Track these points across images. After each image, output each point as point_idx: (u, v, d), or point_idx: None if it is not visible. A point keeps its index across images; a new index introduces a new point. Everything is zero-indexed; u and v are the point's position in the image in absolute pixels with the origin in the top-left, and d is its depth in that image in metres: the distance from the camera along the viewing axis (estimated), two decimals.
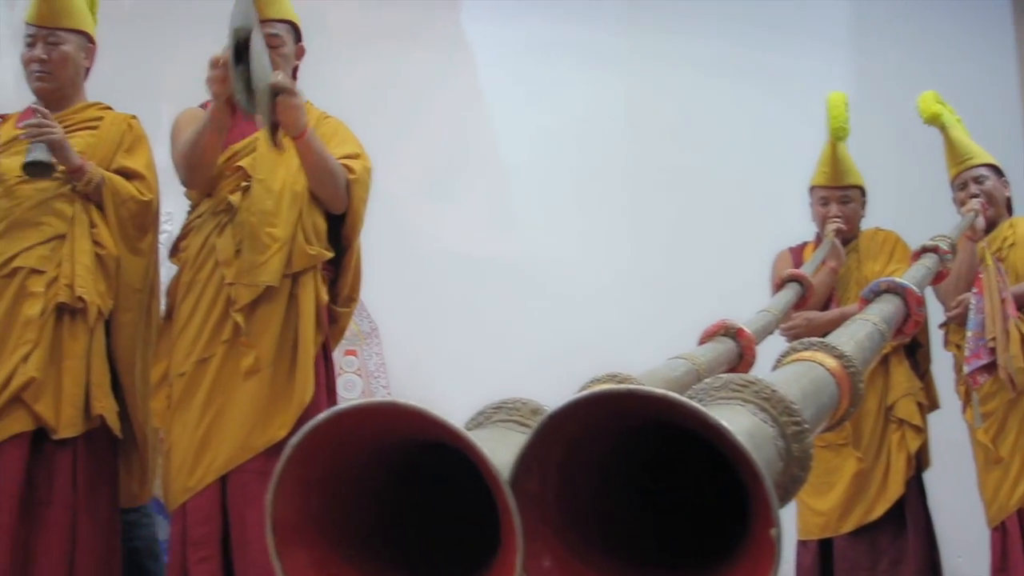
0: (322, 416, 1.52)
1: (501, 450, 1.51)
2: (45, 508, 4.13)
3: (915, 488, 5.39)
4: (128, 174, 4.49)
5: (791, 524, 5.40)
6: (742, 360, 2.41)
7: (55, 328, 4.24)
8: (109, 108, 4.69)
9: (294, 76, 4.53)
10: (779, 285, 3.37)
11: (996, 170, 5.56)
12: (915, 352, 5.54)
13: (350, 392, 6.53)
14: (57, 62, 4.53)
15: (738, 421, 1.41)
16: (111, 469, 4.40)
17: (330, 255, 4.29)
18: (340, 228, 4.36)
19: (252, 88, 3.92)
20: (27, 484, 4.11)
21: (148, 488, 4.60)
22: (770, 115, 8.22)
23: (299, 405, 4.06)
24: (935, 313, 5.42)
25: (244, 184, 4.24)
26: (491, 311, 7.37)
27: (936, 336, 5.58)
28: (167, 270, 4.56)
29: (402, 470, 1.68)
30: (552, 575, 1.49)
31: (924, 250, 2.96)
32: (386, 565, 1.65)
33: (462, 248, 7.76)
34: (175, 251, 4.44)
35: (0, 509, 4.05)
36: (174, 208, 4.68)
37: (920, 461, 5.42)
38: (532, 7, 8.34)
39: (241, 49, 3.90)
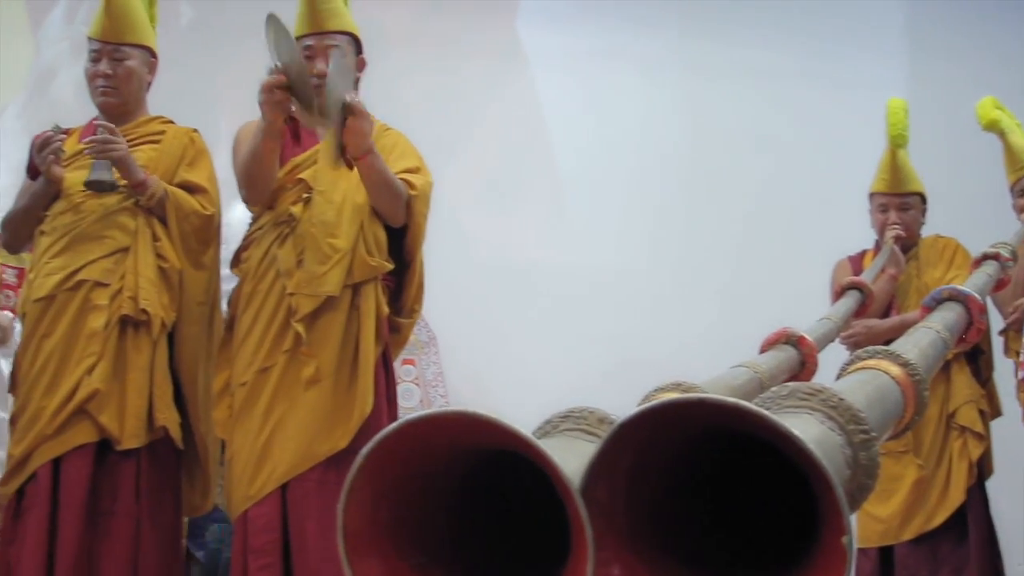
0: (393, 425, 1.54)
1: (570, 459, 1.52)
2: (109, 518, 4.18)
3: (977, 496, 5.33)
4: (191, 188, 4.52)
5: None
6: (804, 368, 2.40)
7: (119, 340, 4.29)
8: (171, 122, 4.73)
9: (355, 88, 4.55)
10: (839, 293, 3.37)
11: None
12: (977, 358, 5.49)
13: (408, 401, 6.55)
14: (122, 77, 4.57)
15: (807, 430, 1.41)
16: (174, 480, 4.44)
17: (390, 267, 4.29)
18: (401, 241, 4.37)
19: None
20: (92, 494, 4.16)
21: (210, 499, 4.64)
22: (828, 122, 8.19)
23: (360, 415, 4.07)
24: (997, 319, 5.39)
25: (305, 196, 4.26)
26: (548, 320, 7.38)
27: (998, 343, 5.54)
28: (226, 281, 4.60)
29: (470, 480, 1.69)
30: None
31: (985, 257, 2.95)
32: (453, 573, 1.66)
33: (519, 257, 7.78)
34: (236, 262, 4.46)
35: (66, 519, 4.11)
36: (231, 219, 4.70)
37: (982, 469, 5.36)
38: (588, 15, 8.35)
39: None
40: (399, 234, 4.36)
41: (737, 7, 8.40)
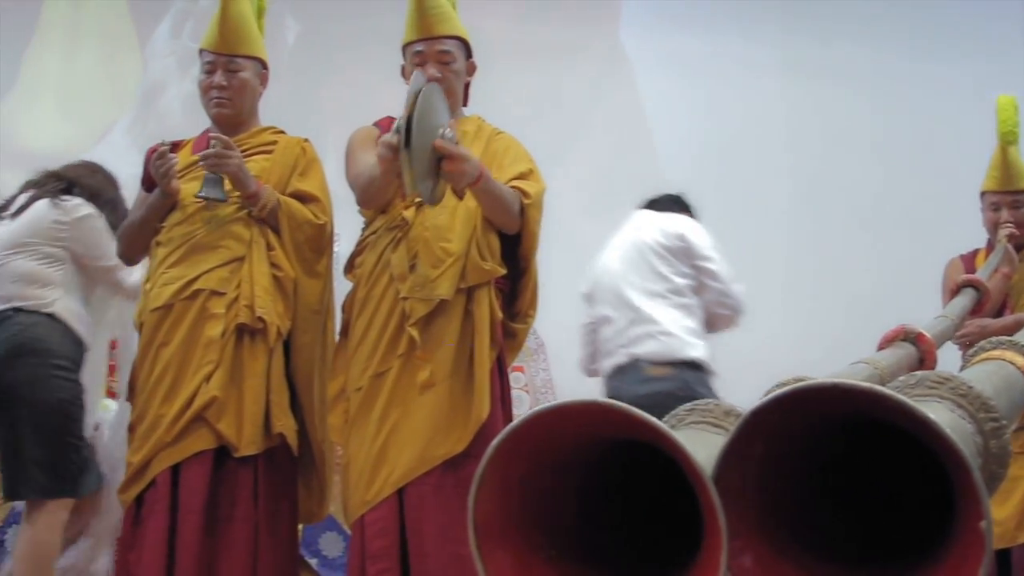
0: (524, 416, 1.55)
1: (699, 449, 1.53)
2: (228, 524, 4.22)
3: None
4: (303, 197, 4.56)
5: None
6: (923, 365, 2.38)
7: (236, 348, 4.33)
8: (283, 132, 4.78)
9: (466, 92, 4.57)
10: (954, 291, 3.33)
11: None
12: None
13: (517, 408, 6.51)
14: (236, 88, 4.62)
15: (940, 416, 1.40)
16: (291, 486, 4.47)
17: (503, 271, 4.29)
18: (516, 246, 4.38)
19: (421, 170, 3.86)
20: (210, 500, 4.20)
21: (326, 505, 4.67)
22: (936, 121, 8.12)
23: (477, 419, 4.07)
24: None
25: (418, 200, 4.28)
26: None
27: None
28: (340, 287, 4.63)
29: (595, 472, 1.70)
30: (754, 573, 1.50)
31: None
32: (584, 566, 1.67)
33: None
34: (350, 267, 4.49)
35: (185, 525, 4.15)
36: (340, 228, 4.74)
37: None
38: (690, 20, 8.35)
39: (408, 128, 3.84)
40: (513, 239, 4.36)
41: (840, 7, 8.35)
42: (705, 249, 5.57)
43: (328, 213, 4.60)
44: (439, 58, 4.36)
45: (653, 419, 1.42)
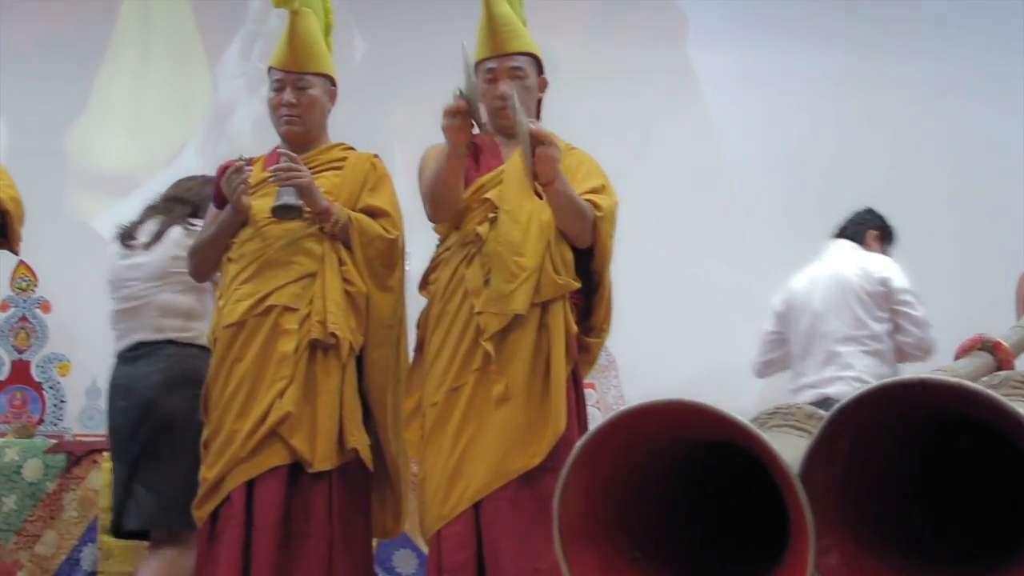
0: (609, 417, 1.54)
1: (785, 450, 1.52)
2: (303, 539, 4.20)
3: None
4: (374, 212, 4.56)
5: None
6: None
7: (309, 364, 4.33)
8: (352, 148, 4.77)
9: (538, 107, 4.58)
10: None
11: None
12: None
13: (589, 425, 6.54)
14: (306, 106, 4.63)
15: None
16: (365, 502, 4.47)
17: (577, 285, 4.29)
18: (588, 260, 4.37)
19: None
20: (285, 516, 4.20)
21: (401, 521, 4.65)
22: (1000, 135, 8.05)
23: (554, 433, 4.07)
24: None
25: (491, 215, 4.28)
26: (727, 340, 7.33)
27: None
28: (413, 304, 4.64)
29: (678, 473, 1.69)
30: (839, 570, 1.49)
31: None
32: (668, 568, 1.66)
33: (695, 278, 7.78)
34: (424, 284, 4.51)
35: (260, 540, 4.15)
36: (411, 246, 4.74)
37: None
38: (757, 36, 8.33)
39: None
40: (587, 253, 4.35)
41: (906, 21, 8.30)
42: (905, 294, 5.87)
43: (399, 227, 4.60)
44: (511, 74, 4.38)
45: (739, 417, 1.41)
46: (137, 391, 4.67)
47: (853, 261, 6.08)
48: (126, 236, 5.33)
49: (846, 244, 6.31)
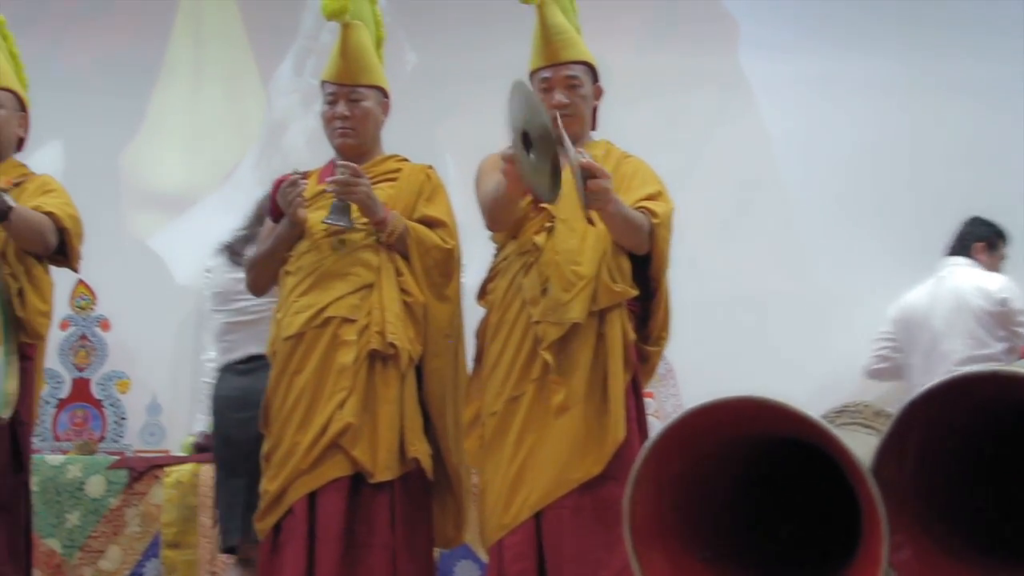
0: (680, 414, 1.54)
1: (855, 447, 1.50)
2: (366, 550, 4.21)
3: None
4: (430, 222, 4.57)
5: None
6: None
7: (368, 375, 4.33)
8: (406, 160, 4.78)
9: (594, 116, 4.57)
10: None
11: None
12: None
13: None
14: (359, 118, 4.64)
15: None
16: (427, 511, 4.47)
17: (635, 293, 4.27)
18: (645, 268, 4.35)
19: (543, 172, 3.90)
20: (348, 527, 4.21)
21: (462, 530, 4.65)
22: None
23: (614, 442, 4.05)
24: None
25: (548, 225, 4.28)
26: (785, 347, 7.32)
27: None
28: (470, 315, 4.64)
29: (745, 472, 1.68)
30: (913, 566, 1.47)
31: None
32: (739, 567, 1.65)
33: (752, 285, 7.76)
34: (482, 294, 4.51)
35: (323, 552, 4.16)
36: (467, 258, 4.75)
37: None
38: (809, 40, 8.30)
39: (528, 138, 3.89)
40: (644, 260, 4.34)
41: (962, 23, 8.24)
42: (1022, 314, 5.90)
43: (455, 237, 4.60)
44: (566, 83, 4.37)
45: (809, 413, 1.40)
46: (257, 403, 4.69)
47: (971, 280, 6.17)
48: (233, 250, 5.38)
49: (961, 261, 6.41)
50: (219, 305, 5.43)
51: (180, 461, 6.41)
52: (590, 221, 4.12)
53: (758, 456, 1.58)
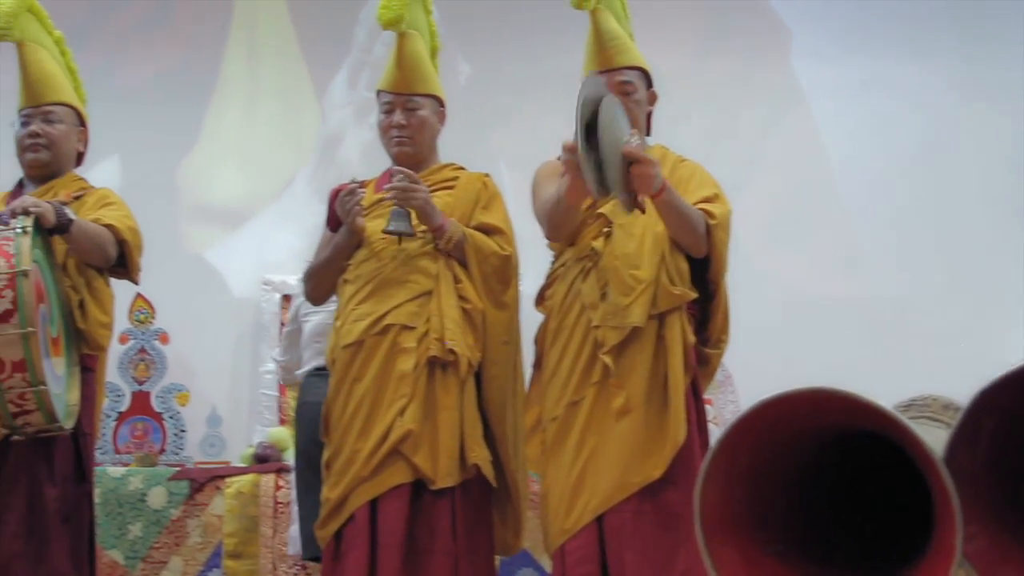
0: (750, 407, 1.54)
1: (926, 438, 1.50)
2: (428, 556, 4.22)
3: None
4: (487, 229, 4.58)
5: None
6: None
7: (428, 382, 4.35)
8: (462, 168, 4.81)
9: (648, 121, 4.57)
10: None
11: None
12: None
13: None
14: (416, 126, 4.66)
15: None
16: (487, 517, 4.48)
17: (694, 295, 4.27)
18: (703, 271, 4.35)
19: (603, 171, 3.89)
20: (409, 533, 4.22)
21: (521, 537, 4.65)
22: None
23: (674, 445, 4.05)
24: None
25: (606, 230, 4.29)
26: (842, 353, 7.28)
27: None
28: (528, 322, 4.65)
29: (814, 465, 1.68)
30: (987, 556, 1.46)
31: None
32: (810, 560, 1.65)
33: (809, 291, 7.75)
34: (541, 299, 4.52)
35: (385, 559, 4.18)
36: (523, 267, 4.75)
37: None
38: (861, 46, 8.28)
39: (591, 132, 3.88)
40: (702, 263, 4.34)
41: (1014, 25, 8.19)
42: None
43: (512, 244, 4.61)
44: (620, 88, 4.36)
45: (881, 404, 1.40)
46: None
47: None
48: None
49: None
50: (307, 310, 5.45)
51: (241, 472, 6.46)
52: (642, 209, 4.08)
53: (827, 449, 1.58)
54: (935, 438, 1.49)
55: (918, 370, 7.03)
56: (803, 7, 8.55)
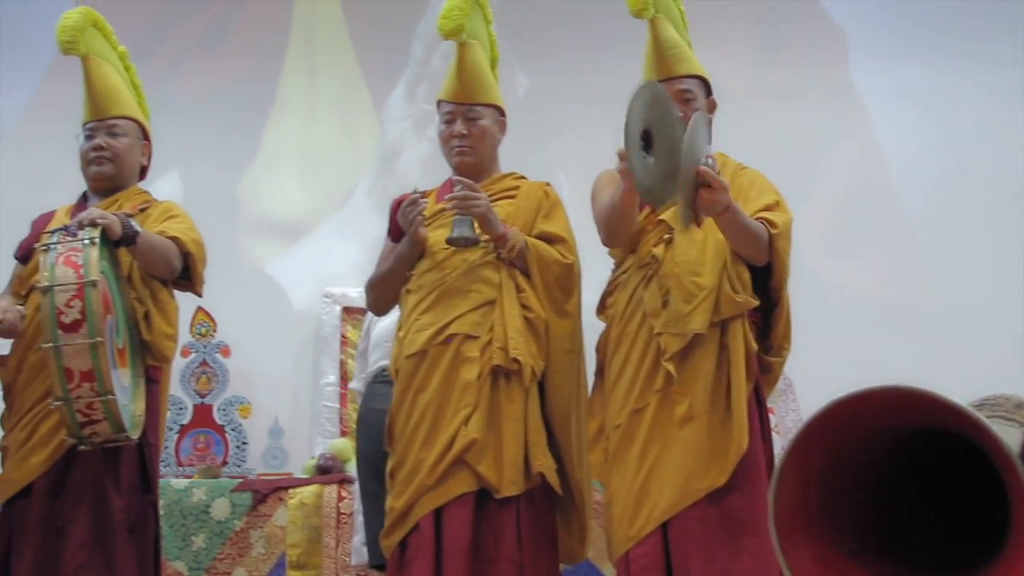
0: (823, 406, 1.54)
1: (1002, 436, 1.49)
2: (493, 565, 4.23)
3: None
4: (549, 238, 4.59)
5: None
6: None
7: (492, 391, 4.36)
8: (524, 177, 4.82)
9: (708, 129, 4.56)
10: None
11: None
12: None
13: None
14: (477, 136, 4.68)
15: None
16: (552, 526, 4.48)
17: (756, 303, 4.26)
18: (765, 278, 4.33)
19: (665, 181, 3.88)
20: (474, 542, 4.23)
21: (586, 545, 4.65)
22: None
23: (737, 452, 4.05)
24: None
25: (667, 236, 4.29)
26: (903, 361, 7.21)
27: None
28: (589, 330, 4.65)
29: (888, 465, 1.67)
30: None
31: None
32: (885, 561, 1.64)
33: (870, 299, 7.71)
34: (602, 307, 4.53)
35: (451, 567, 4.18)
36: (584, 275, 4.75)
37: None
38: (919, 51, 8.23)
39: (648, 137, 3.87)
40: (764, 271, 4.32)
41: None
42: None
43: (574, 252, 4.61)
44: (680, 97, 4.35)
45: (957, 401, 1.40)
46: None
47: None
48: None
49: None
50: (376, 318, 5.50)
51: (303, 483, 6.49)
52: (699, 225, 4.07)
53: (901, 448, 1.58)
54: (1010, 437, 1.48)
55: (977, 378, 6.98)
56: (860, 15, 8.51)
